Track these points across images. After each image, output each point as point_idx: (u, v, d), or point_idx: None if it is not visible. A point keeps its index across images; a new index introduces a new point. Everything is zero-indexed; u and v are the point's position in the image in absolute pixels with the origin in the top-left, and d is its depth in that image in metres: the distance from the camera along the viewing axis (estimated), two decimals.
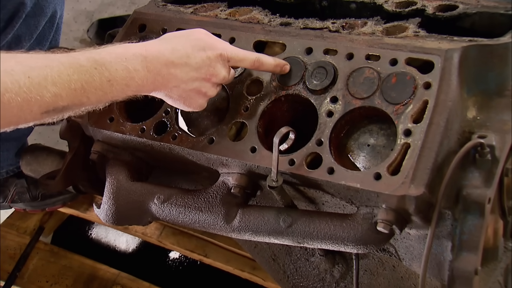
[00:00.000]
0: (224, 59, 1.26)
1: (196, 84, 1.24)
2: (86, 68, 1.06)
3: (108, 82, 1.10)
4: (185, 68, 1.21)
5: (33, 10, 1.60)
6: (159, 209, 1.42)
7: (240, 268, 2.15)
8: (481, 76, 1.24)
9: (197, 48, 1.23)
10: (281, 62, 1.33)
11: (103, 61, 1.09)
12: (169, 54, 1.19)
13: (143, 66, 1.15)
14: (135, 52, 1.15)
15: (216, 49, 1.25)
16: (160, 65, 1.18)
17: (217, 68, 1.25)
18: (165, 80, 1.20)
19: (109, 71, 1.09)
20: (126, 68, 1.12)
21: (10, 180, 2.15)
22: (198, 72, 1.23)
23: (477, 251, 1.12)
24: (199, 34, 1.27)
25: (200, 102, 1.30)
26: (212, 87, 1.28)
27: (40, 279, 2.26)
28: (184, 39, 1.24)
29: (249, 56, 1.31)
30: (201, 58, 1.23)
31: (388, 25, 1.39)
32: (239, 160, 1.31)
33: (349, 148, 1.29)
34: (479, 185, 1.14)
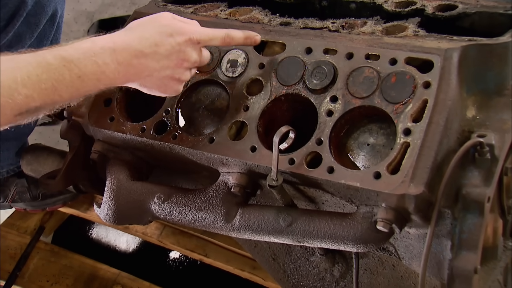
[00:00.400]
0: (194, 42, 1.25)
1: (168, 71, 1.24)
2: (55, 67, 1.05)
3: (79, 79, 1.08)
4: (155, 57, 1.20)
5: (34, 8, 1.60)
6: (160, 208, 1.42)
7: (240, 267, 2.15)
8: (481, 76, 1.24)
9: (165, 35, 1.21)
10: (251, 33, 1.34)
11: (71, 57, 1.08)
12: (137, 44, 1.18)
13: (113, 59, 1.13)
14: (103, 45, 1.14)
15: (184, 33, 1.23)
16: (130, 56, 1.16)
17: (188, 52, 1.24)
18: (137, 71, 1.19)
19: (78, 68, 1.08)
20: (95, 62, 1.11)
21: (11, 179, 2.15)
22: (169, 59, 1.22)
23: (477, 250, 1.13)
24: (165, 19, 1.26)
25: (175, 88, 1.30)
26: (185, 71, 1.28)
27: (41, 278, 2.26)
28: (151, 26, 1.23)
29: (218, 34, 1.30)
30: (170, 45, 1.21)
31: (388, 25, 1.39)
32: (239, 160, 1.31)
33: (349, 147, 1.29)
34: (479, 184, 1.15)
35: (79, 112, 1.52)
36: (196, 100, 1.46)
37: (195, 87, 1.45)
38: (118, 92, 1.49)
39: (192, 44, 1.25)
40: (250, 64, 1.39)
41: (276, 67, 1.35)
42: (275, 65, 1.36)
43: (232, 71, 1.40)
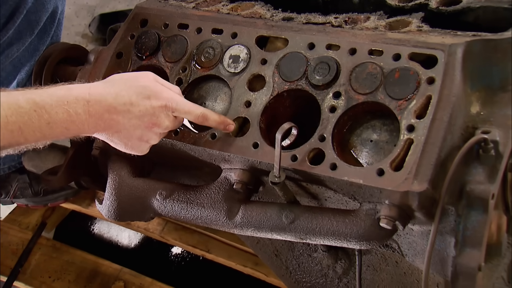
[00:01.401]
0: (169, 109, 1.25)
1: (138, 132, 1.24)
2: (25, 110, 1.05)
3: (48, 125, 1.09)
4: (127, 115, 1.20)
5: (34, 5, 1.59)
6: (161, 205, 1.42)
7: (242, 263, 2.14)
8: (485, 71, 1.24)
9: (142, 96, 1.21)
10: (226, 121, 1.32)
11: (43, 103, 1.08)
12: (112, 99, 1.18)
13: (85, 110, 1.14)
14: (78, 95, 1.14)
15: (161, 99, 1.23)
16: (103, 110, 1.16)
17: (161, 118, 1.24)
18: (107, 125, 1.19)
19: (49, 114, 1.08)
20: (67, 111, 1.11)
21: (12, 175, 2.15)
22: (140, 120, 1.22)
23: (481, 247, 1.12)
24: (147, 80, 1.26)
25: (141, 149, 1.29)
26: (154, 135, 1.27)
27: (43, 274, 2.26)
28: (130, 84, 1.23)
29: (194, 110, 1.29)
30: (145, 107, 1.21)
31: (391, 20, 1.38)
32: (242, 156, 1.31)
33: (352, 143, 1.28)
34: (483, 180, 1.14)
35: None
36: (198, 96, 1.45)
37: (197, 83, 1.45)
38: None
39: (166, 110, 1.25)
40: (252, 59, 1.38)
41: (279, 62, 1.35)
42: (277, 60, 1.35)
43: (234, 67, 1.39)
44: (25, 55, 1.67)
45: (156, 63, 1.48)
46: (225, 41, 1.43)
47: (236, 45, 1.41)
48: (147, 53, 1.49)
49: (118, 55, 1.53)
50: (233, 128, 1.33)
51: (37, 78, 1.65)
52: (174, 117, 1.27)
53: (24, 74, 1.70)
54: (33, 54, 1.69)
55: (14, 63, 1.67)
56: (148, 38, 1.51)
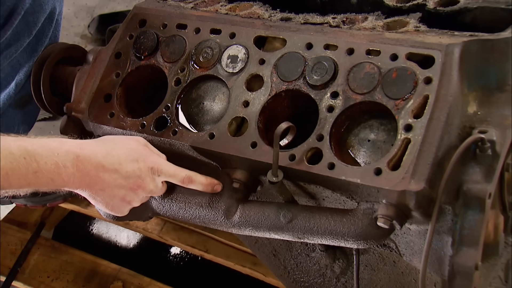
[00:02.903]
0: (155, 172, 1.29)
1: (122, 192, 1.27)
2: (15, 157, 1.07)
3: (34, 174, 1.10)
4: (114, 175, 1.23)
5: (32, 6, 1.59)
6: (160, 204, 1.42)
7: (241, 263, 2.15)
8: (482, 71, 1.24)
9: (130, 158, 1.26)
10: (213, 182, 1.35)
11: (34, 152, 1.10)
12: (102, 157, 1.21)
13: (73, 164, 1.16)
14: (69, 149, 1.17)
15: (148, 162, 1.28)
16: (91, 167, 1.19)
17: (146, 181, 1.28)
18: (92, 182, 1.21)
19: (37, 163, 1.10)
20: (55, 163, 1.13)
21: None
22: (126, 181, 1.25)
23: (478, 246, 1.12)
24: (137, 144, 1.30)
25: (122, 209, 1.32)
26: (137, 197, 1.31)
27: (41, 274, 2.26)
28: (120, 145, 1.27)
29: (179, 173, 1.33)
30: (132, 168, 1.25)
31: (389, 20, 1.38)
32: (240, 156, 1.31)
33: (349, 143, 1.28)
34: (480, 180, 1.14)
35: (79, 107, 1.52)
36: (196, 96, 1.45)
37: (195, 83, 1.45)
38: (118, 88, 1.49)
39: (152, 173, 1.29)
40: (250, 59, 1.38)
41: (277, 62, 1.35)
42: (275, 60, 1.35)
43: (232, 67, 1.40)
44: (23, 56, 1.67)
45: (154, 63, 1.48)
46: (223, 41, 1.43)
47: (234, 45, 1.41)
48: (145, 53, 1.50)
49: (116, 55, 1.53)
50: (220, 188, 1.36)
51: (36, 78, 1.65)
52: (158, 182, 1.31)
53: (23, 75, 1.70)
54: (31, 55, 1.69)
55: (12, 64, 1.67)
56: (146, 38, 1.51)
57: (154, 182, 1.30)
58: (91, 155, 1.20)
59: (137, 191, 1.29)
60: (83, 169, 1.18)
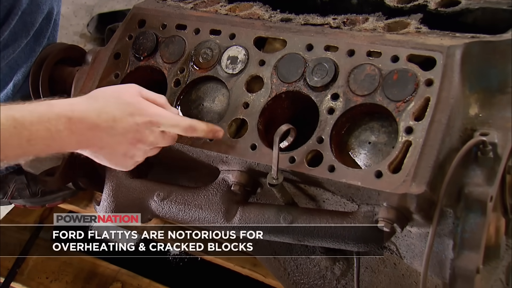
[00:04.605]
0: (154, 125, 1.23)
1: (122, 148, 1.22)
2: (5, 127, 1.03)
3: (28, 142, 1.06)
4: (111, 132, 1.18)
5: (29, 7, 1.59)
6: (159, 206, 1.42)
7: (240, 264, 2.14)
8: (483, 73, 1.23)
9: (126, 113, 1.19)
10: (214, 128, 1.31)
11: (23, 120, 1.05)
12: (95, 117, 1.16)
13: (66, 128, 1.11)
14: (59, 112, 1.11)
15: (145, 115, 1.21)
16: (85, 128, 1.14)
17: (145, 134, 1.22)
18: (90, 142, 1.18)
19: (29, 131, 1.06)
20: (47, 129, 1.08)
21: (10, 176, 2.14)
22: (124, 137, 1.20)
23: (479, 249, 1.12)
24: (131, 95, 1.23)
25: (126, 164, 1.27)
26: (138, 151, 1.25)
27: (40, 275, 2.26)
28: (114, 100, 1.21)
29: (181, 122, 1.27)
30: (128, 124, 1.19)
31: (390, 21, 1.38)
32: (239, 158, 1.30)
33: (350, 145, 1.28)
34: (481, 183, 1.13)
35: None
36: (196, 97, 1.45)
37: (195, 84, 1.44)
38: None
39: (152, 126, 1.23)
40: (250, 60, 1.37)
41: (277, 64, 1.34)
42: (275, 62, 1.34)
43: (232, 68, 1.39)
44: (21, 57, 1.67)
45: (154, 64, 1.48)
46: (223, 42, 1.42)
47: (234, 46, 1.41)
48: (145, 54, 1.49)
49: (115, 55, 1.53)
50: (222, 134, 1.31)
51: (35, 79, 1.65)
52: (161, 132, 1.25)
53: (21, 75, 1.69)
54: (29, 55, 1.68)
55: (10, 65, 1.66)
56: (146, 38, 1.50)
57: (154, 134, 1.24)
58: (83, 116, 1.14)
59: (137, 145, 1.23)
60: (76, 131, 1.13)
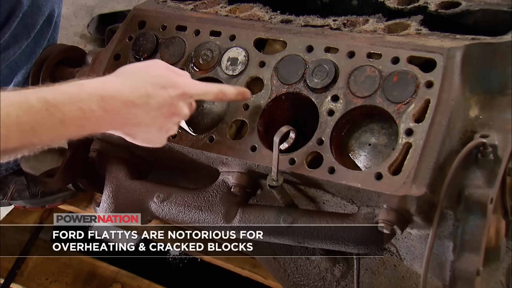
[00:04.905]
0: (187, 96, 1.22)
1: (157, 123, 1.20)
2: (37, 109, 1.01)
3: (61, 124, 1.04)
4: (146, 108, 1.16)
5: (30, 9, 1.59)
6: (159, 207, 1.42)
7: (240, 266, 2.13)
8: (484, 75, 1.23)
9: (158, 86, 1.18)
10: (242, 89, 1.31)
11: (55, 101, 1.03)
12: (129, 93, 1.14)
13: (100, 106, 1.09)
14: (91, 91, 1.09)
15: (178, 87, 1.20)
16: (119, 105, 1.12)
17: (179, 106, 1.21)
18: (125, 120, 1.15)
19: (62, 112, 1.04)
20: (80, 108, 1.06)
21: (10, 177, 2.14)
22: (159, 111, 1.18)
23: (479, 251, 1.11)
24: (160, 69, 1.23)
25: (161, 140, 1.26)
26: (173, 125, 1.24)
27: (40, 276, 2.25)
28: (144, 75, 1.19)
29: (212, 89, 1.27)
30: (163, 97, 1.18)
31: (390, 23, 1.38)
32: (239, 159, 1.30)
33: (350, 147, 1.27)
34: (481, 185, 1.13)
35: None
36: None
37: None
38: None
39: (184, 98, 1.22)
40: (250, 62, 1.37)
41: (277, 65, 1.34)
42: (275, 63, 1.34)
43: (232, 69, 1.39)
44: (22, 58, 1.67)
45: None
46: (223, 44, 1.42)
47: (234, 47, 1.40)
48: (145, 55, 1.49)
49: (116, 56, 1.53)
50: (250, 95, 1.32)
51: (35, 79, 1.65)
52: (191, 104, 1.25)
53: (21, 77, 1.69)
54: (30, 57, 1.68)
55: (10, 66, 1.66)
56: (146, 40, 1.50)
57: (187, 105, 1.23)
58: (116, 93, 1.12)
59: (172, 119, 1.21)
60: (111, 110, 1.11)
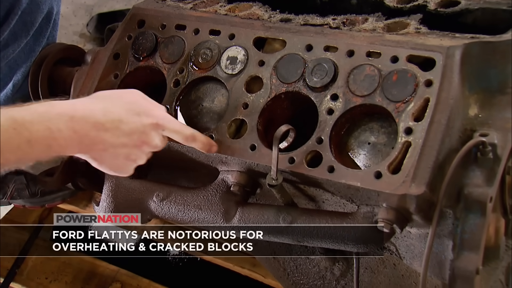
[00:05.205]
0: (159, 127, 1.21)
1: (125, 150, 1.18)
2: (4, 129, 0.99)
3: (28, 143, 1.02)
4: (116, 132, 1.14)
5: (29, 6, 1.59)
6: (158, 207, 1.42)
7: (240, 265, 2.14)
8: (483, 74, 1.23)
9: (132, 113, 1.16)
10: (211, 142, 1.30)
11: (23, 120, 1.02)
12: (101, 115, 1.12)
13: (68, 127, 1.07)
14: (61, 111, 1.08)
15: (152, 116, 1.19)
16: (89, 127, 1.10)
17: (151, 136, 1.20)
18: (92, 143, 1.13)
19: (29, 131, 1.02)
20: (48, 128, 1.04)
21: (9, 176, 2.14)
22: (129, 138, 1.16)
23: (478, 250, 1.11)
24: (135, 97, 1.21)
25: (127, 169, 1.24)
26: (142, 154, 1.22)
27: (39, 275, 2.26)
28: (119, 100, 1.18)
29: (184, 130, 1.26)
30: (135, 124, 1.16)
31: (389, 22, 1.37)
32: (239, 158, 1.30)
33: (349, 146, 1.27)
34: (481, 183, 1.13)
35: None
36: (195, 97, 1.44)
37: (194, 84, 1.44)
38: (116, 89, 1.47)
39: (157, 128, 1.20)
40: (249, 61, 1.37)
41: (276, 64, 1.34)
42: (275, 62, 1.34)
43: (232, 68, 1.39)
44: (20, 56, 1.67)
45: (153, 64, 1.47)
46: (222, 42, 1.42)
47: (234, 46, 1.40)
48: (144, 54, 1.48)
49: (115, 56, 1.52)
50: (216, 149, 1.31)
51: (34, 79, 1.65)
52: (163, 136, 1.23)
53: (20, 75, 1.69)
54: (29, 55, 1.68)
55: (9, 65, 1.66)
56: (145, 39, 1.50)
57: (159, 137, 1.21)
58: (87, 114, 1.10)
59: (141, 148, 1.20)
60: (80, 131, 1.09)
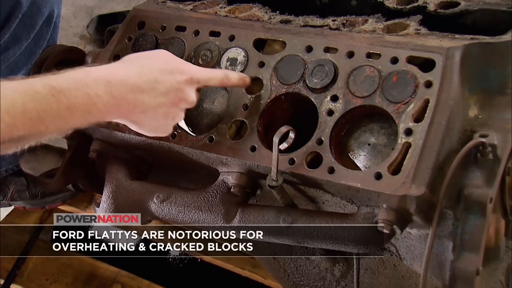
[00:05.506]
0: (194, 82, 1.22)
1: (164, 110, 1.19)
2: (43, 96, 0.99)
3: (68, 110, 1.02)
4: (153, 93, 1.15)
5: (30, 9, 1.59)
6: (159, 208, 1.42)
7: (240, 266, 2.14)
8: (483, 74, 1.23)
9: (165, 72, 1.17)
10: (243, 75, 1.33)
11: (61, 87, 1.02)
12: (136, 78, 1.13)
13: (106, 92, 1.08)
14: (97, 77, 1.08)
15: (185, 72, 1.20)
16: (126, 90, 1.11)
17: (186, 92, 1.21)
18: (131, 106, 1.13)
19: (68, 98, 1.02)
20: (87, 94, 1.05)
21: (10, 178, 2.15)
22: (166, 97, 1.17)
23: (479, 251, 1.11)
24: (166, 56, 1.23)
25: (167, 128, 1.25)
26: (180, 111, 1.23)
27: (40, 277, 2.26)
28: (151, 61, 1.19)
29: (217, 74, 1.28)
30: (170, 83, 1.17)
31: (389, 23, 1.38)
32: (239, 159, 1.30)
33: (349, 147, 1.28)
34: (481, 184, 1.13)
35: None
36: None
37: None
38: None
39: (192, 83, 1.21)
40: (249, 62, 1.37)
41: (276, 65, 1.34)
42: (275, 63, 1.34)
43: (232, 70, 1.39)
44: (21, 59, 1.67)
45: None
46: (222, 44, 1.42)
47: (234, 47, 1.40)
48: None
49: (115, 57, 1.52)
50: (249, 80, 1.33)
51: None
52: (197, 90, 1.24)
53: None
54: (29, 58, 1.69)
55: (10, 67, 1.67)
56: (145, 40, 1.50)
57: (194, 92, 1.22)
58: (123, 78, 1.11)
59: (179, 105, 1.20)
60: (118, 95, 1.09)
